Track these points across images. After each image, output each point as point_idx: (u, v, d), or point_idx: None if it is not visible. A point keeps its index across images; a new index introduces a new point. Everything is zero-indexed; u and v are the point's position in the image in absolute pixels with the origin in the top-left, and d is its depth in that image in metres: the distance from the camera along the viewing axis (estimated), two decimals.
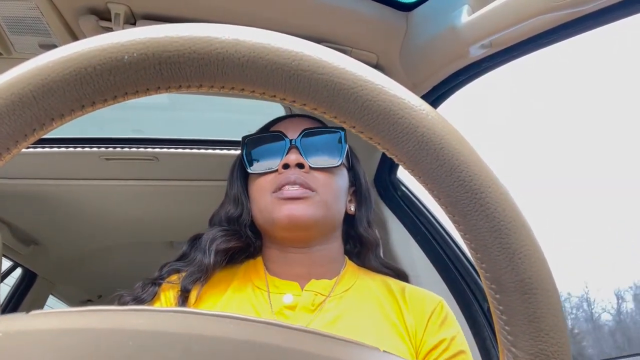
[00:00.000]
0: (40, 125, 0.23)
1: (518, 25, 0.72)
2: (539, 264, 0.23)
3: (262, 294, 0.73)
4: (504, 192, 0.24)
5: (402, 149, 0.24)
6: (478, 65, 0.89)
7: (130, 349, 0.19)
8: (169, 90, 0.24)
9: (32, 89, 0.22)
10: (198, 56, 0.23)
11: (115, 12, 0.83)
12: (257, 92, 0.24)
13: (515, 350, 0.23)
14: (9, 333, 0.20)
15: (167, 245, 1.88)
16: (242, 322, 0.21)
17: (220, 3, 0.85)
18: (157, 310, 0.22)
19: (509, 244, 0.23)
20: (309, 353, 0.21)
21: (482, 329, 1.08)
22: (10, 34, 0.90)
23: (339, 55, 0.24)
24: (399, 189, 1.32)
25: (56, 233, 1.74)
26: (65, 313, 0.21)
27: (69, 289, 2.32)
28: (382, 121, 0.23)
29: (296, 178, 0.72)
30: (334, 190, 0.75)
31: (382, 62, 0.99)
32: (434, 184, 0.24)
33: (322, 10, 0.88)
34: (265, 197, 0.74)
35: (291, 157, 0.74)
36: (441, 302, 0.75)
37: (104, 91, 0.23)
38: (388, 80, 0.24)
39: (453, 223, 0.25)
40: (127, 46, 0.22)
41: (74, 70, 0.22)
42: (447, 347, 0.69)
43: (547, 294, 0.23)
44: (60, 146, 1.33)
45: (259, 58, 0.23)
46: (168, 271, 0.77)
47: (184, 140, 1.39)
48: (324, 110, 0.24)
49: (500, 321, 0.24)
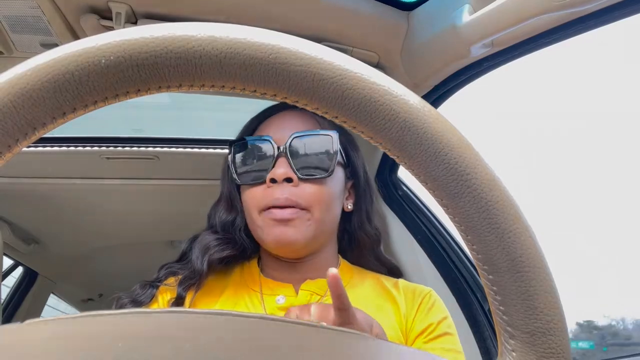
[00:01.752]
0: (23, 136, 0.22)
1: (519, 24, 0.72)
2: (529, 243, 0.23)
3: (257, 295, 0.73)
4: (491, 172, 0.24)
5: (385, 135, 0.24)
6: (479, 65, 0.88)
7: (122, 351, 0.19)
8: (149, 92, 0.24)
9: (11, 98, 0.22)
10: (175, 55, 0.22)
11: (117, 11, 0.83)
12: (237, 89, 0.24)
13: (511, 329, 0.23)
14: (4, 345, 0.20)
15: (167, 244, 1.89)
16: (234, 318, 0.21)
17: (220, 2, 0.85)
18: (149, 312, 0.22)
19: (498, 223, 0.23)
20: (303, 345, 0.21)
21: (482, 328, 1.08)
22: (12, 32, 0.90)
23: (316, 45, 0.24)
24: (400, 188, 1.32)
25: (57, 232, 1.74)
26: (59, 320, 0.21)
27: (70, 287, 2.32)
28: (364, 109, 0.23)
29: (285, 200, 0.68)
30: (327, 203, 0.72)
31: (383, 62, 0.99)
32: (420, 168, 0.24)
33: (323, 10, 0.88)
34: (254, 212, 0.71)
35: (278, 171, 0.69)
36: (430, 291, 0.76)
37: (83, 97, 0.22)
38: (367, 67, 0.24)
39: (442, 207, 0.25)
40: (103, 49, 0.22)
41: (52, 78, 0.22)
42: (433, 330, 0.70)
43: (538, 271, 0.23)
44: (60, 145, 1.33)
45: (236, 53, 0.23)
46: (165, 273, 0.77)
47: (185, 140, 1.39)
48: (305, 103, 0.24)
49: (494, 302, 0.24)
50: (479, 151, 0.24)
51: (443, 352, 0.68)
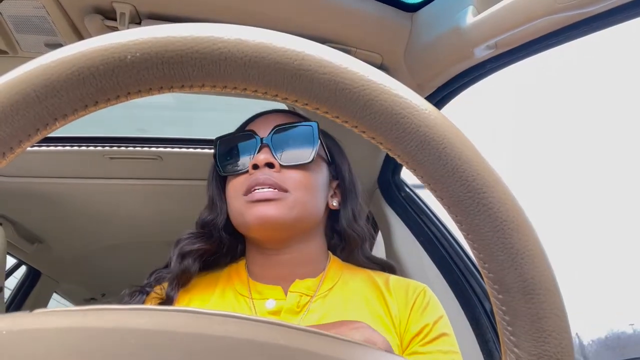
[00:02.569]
0: (44, 125, 0.23)
1: (523, 26, 0.71)
2: (542, 265, 0.23)
3: (245, 301, 0.72)
4: (507, 191, 0.24)
5: (404, 148, 0.24)
6: (483, 66, 0.88)
7: (132, 347, 0.19)
8: (172, 90, 0.24)
9: (35, 88, 0.22)
10: (201, 56, 0.22)
11: (121, 12, 0.83)
12: (259, 92, 0.24)
13: (518, 350, 0.23)
14: (13, 331, 0.20)
15: (170, 244, 1.88)
16: (244, 322, 0.21)
17: (224, 2, 0.85)
18: (160, 309, 0.22)
19: (512, 244, 0.23)
20: (310, 351, 0.21)
21: (485, 331, 1.08)
22: (16, 32, 0.90)
23: (340, 54, 0.24)
24: (403, 190, 1.32)
25: (60, 231, 1.75)
26: (68, 312, 0.21)
27: (73, 287, 2.33)
28: (384, 121, 0.23)
29: (265, 179, 0.69)
30: (309, 188, 0.72)
31: (387, 63, 0.99)
32: (437, 184, 0.24)
33: (327, 11, 0.88)
34: (237, 200, 0.72)
35: (260, 157, 0.71)
36: (424, 289, 0.74)
37: (106, 91, 0.23)
38: (390, 79, 0.24)
39: (456, 223, 0.25)
40: (130, 46, 0.22)
41: (76, 70, 0.22)
42: (429, 332, 0.68)
43: (550, 294, 0.23)
44: (64, 145, 1.34)
45: (262, 58, 0.23)
46: (155, 278, 0.77)
47: (188, 140, 1.39)
48: (326, 110, 0.24)
49: (502, 322, 0.24)
50: (496, 169, 0.24)
51: (441, 354, 0.67)
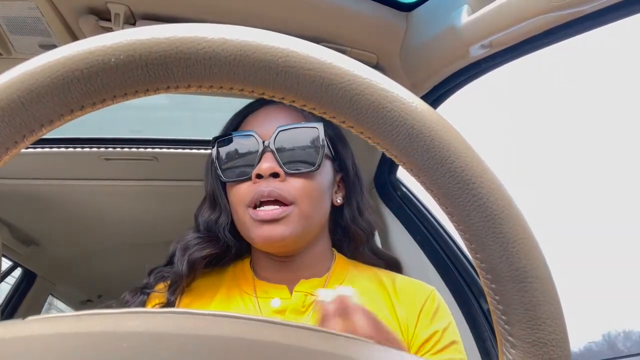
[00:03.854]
0: (30, 132, 0.22)
1: (518, 25, 0.72)
2: (534, 253, 0.23)
3: (250, 299, 0.72)
4: (496, 181, 0.24)
5: (392, 142, 0.24)
6: (478, 66, 0.89)
7: (125, 350, 0.19)
8: (158, 91, 0.24)
9: (20, 94, 0.22)
10: (185, 56, 0.22)
11: (115, 12, 0.83)
12: (245, 91, 0.24)
13: (513, 339, 0.23)
14: (5, 340, 0.20)
15: (166, 245, 1.88)
16: (238, 321, 0.21)
17: (218, 3, 0.85)
18: (152, 312, 0.22)
19: (503, 233, 0.23)
20: (305, 349, 0.21)
21: (482, 329, 1.08)
22: (10, 34, 0.90)
23: (326, 50, 0.24)
24: (399, 189, 1.32)
25: (56, 233, 1.74)
26: (61, 318, 0.21)
27: (69, 289, 2.32)
28: (372, 115, 0.23)
29: (270, 191, 0.67)
30: (314, 197, 0.70)
31: (382, 62, 0.99)
32: (426, 176, 0.24)
33: (321, 10, 0.88)
34: (241, 209, 0.70)
35: (264, 166, 0.68)
36: (432, 293, 0.73)
37: (92, 95, 0.22)
38: (376, 74, 0.24)
39: (446, 215, 0.25)
40: (114, 48, 0.22)
41: (61, 75, 0.22)
42: (439, 339, 0.68)
43: (542, 281, 0.23)
44: (59, 146, 1.33)
45: (246, 56, 0.23)
46: (155, 278, 0.76)
47: (184, 141, 1.39)
48: (313, 106, 0.24)
49: (496, 311, 0.24)
50: (485, 160, 0.24)
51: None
